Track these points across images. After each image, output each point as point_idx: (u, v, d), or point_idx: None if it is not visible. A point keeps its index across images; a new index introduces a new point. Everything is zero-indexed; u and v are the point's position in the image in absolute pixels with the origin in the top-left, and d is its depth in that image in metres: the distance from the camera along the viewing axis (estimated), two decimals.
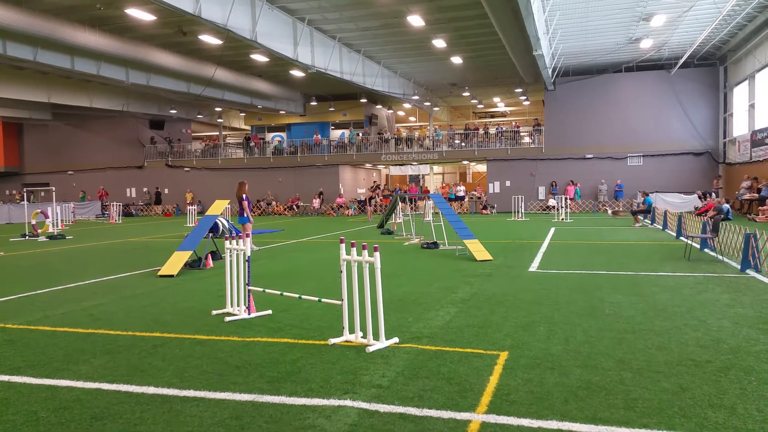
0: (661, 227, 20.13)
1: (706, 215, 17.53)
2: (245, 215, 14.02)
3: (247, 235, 12.71)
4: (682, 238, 15.87)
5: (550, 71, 28.81)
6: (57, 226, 23.11)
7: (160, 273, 11.25)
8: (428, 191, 40.24)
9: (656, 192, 28.84)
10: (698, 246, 13.54)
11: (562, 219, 25.94)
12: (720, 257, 11.89)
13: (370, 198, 33.08)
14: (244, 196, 14.07)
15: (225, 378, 5.06)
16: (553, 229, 20.68)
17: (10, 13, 18.52)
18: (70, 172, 44.04)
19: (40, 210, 23.44)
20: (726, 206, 21.60)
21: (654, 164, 32.36)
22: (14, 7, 18.70)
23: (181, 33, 23.33)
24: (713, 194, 28.12)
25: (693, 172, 31.53)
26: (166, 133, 42.86)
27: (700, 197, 27.66)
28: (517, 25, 20.75)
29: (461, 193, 36.90)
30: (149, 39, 24.34)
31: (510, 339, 6.08)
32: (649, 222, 22.73)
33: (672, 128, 32.02)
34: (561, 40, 25.67)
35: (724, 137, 30.99)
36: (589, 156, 33.48)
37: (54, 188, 28.10)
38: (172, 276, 11.05)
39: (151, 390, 4.82)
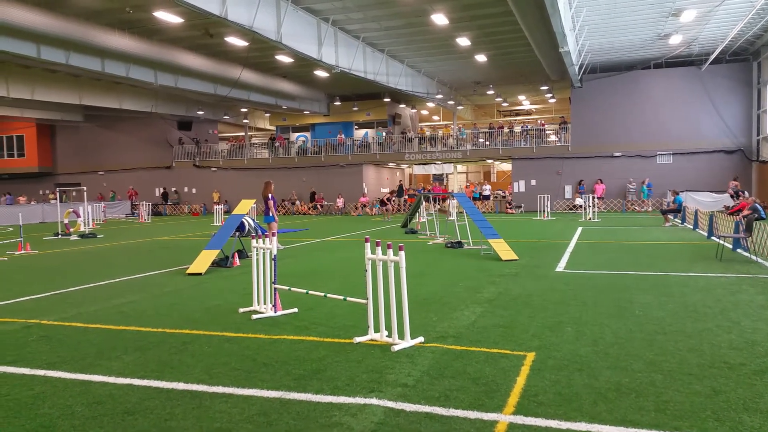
0: (691, 227, 19.77)
1: (738, 214, 17.15)
2: (270, 214, 14.11)
3: (273, 234, 12.82)
4: (713, 237, 15.56)
5: (576, 68, 28.48)
6: (88, 225, 23.56)
7: (188, 271, 11.40)
8: (445, 190, 40.09)
9: (687, 191, 28.32)
10: (730, 246, 13.26)
11: (590, 218, 25.64)
12: (754, 258, 11.64)
13: (388, 198, 32.32)
14: (269, 195, 14.17)
15: (253, 375, 5.12)
16: (580, 229, 20.45)
17: (44, 18, 18.97)
18: (100, 173, 44.87)
19: (72, 209, 23.92)
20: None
21: (684, 162, 31.78)
22: (48, 12, 19.15)
23: (207, 35, 23.61)
24: (745, 193, 27.50)
25: (724, 170, 30.84)
26: (194, 134, 43.41)
27: (732, 196, 27.08)
28: (543, 21, 20.55)
29: (487, 192, 36.65)
30: (177, 41, 24.68)
31: (537, 340, 6.03)
32: (680, 221, 22.33)
33: (703, 125, 31.40)
34: (588, 36, 25.36)
35: (758, 134, 30.27)
36: (618, 154, 33.01)
37: (85, 188, 28.64)
38: (200, 274, 11.19)
39: (181, 386, 4.89)
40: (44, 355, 5.94)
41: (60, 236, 21.71)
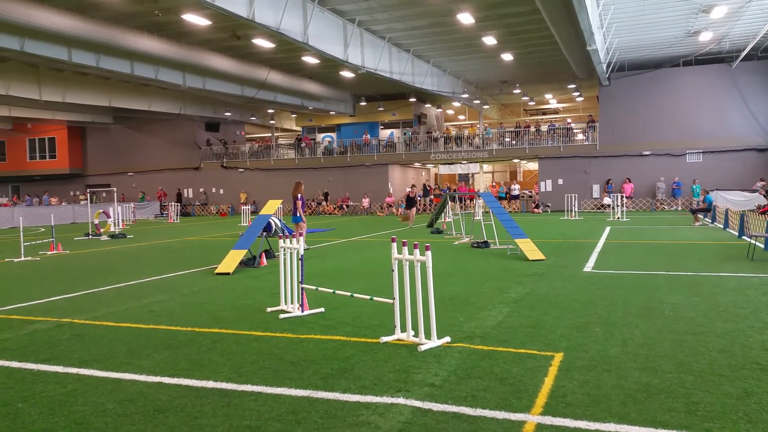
0: (722, 226, 19.39)
1: None
2: (298, 214, 14.22)
3: (300, 234, 12.91)
4: (744, 237, 15.24)
5: (604, 66, 28.10)
6: (118, 226, 23.99)
7: (216, 271, 11.54)
8: (473, 190, 39.84)
9: (717, 189, 27.75)
10: (762, 245, 12.98)
11: (618, 218, 25.30)
12: None
13: (410, 198, 24.88)
14: (299, 195, 14.29)
15: (281, 373, 5.17)
16: (608, 228, 20.20)
17: (75, 22, 19.40)
18: (130, 174, 45.61)
19: (102, 210, 24.37)
20: None
21: (714, 161, 31.15)
22: (79, 16, 19.57)
23: (235, 37, 23.86)
24: None
25: (756, 168, 30.15)
26: (221, 135, 43.92)
27: (764, 195, 26.46)
28: (570, 19, 20.33)
29: (516, 192, 36.28)
30: (205, 44, 25.00)
31: (565, 340, 5.98)
32: (710, 221, 21.92)
33: (733, 123, 30.74)
34: (616, 34, 25.01)
35: None
36: (646, 153, 32.49)
37: (115, 189, 29.15)
38: (228, 274, 11.32)
39: (210, 384, 4.96)
40: (76, 353, 6.08)
41: (90, 237, 22.14)
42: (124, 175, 45.53)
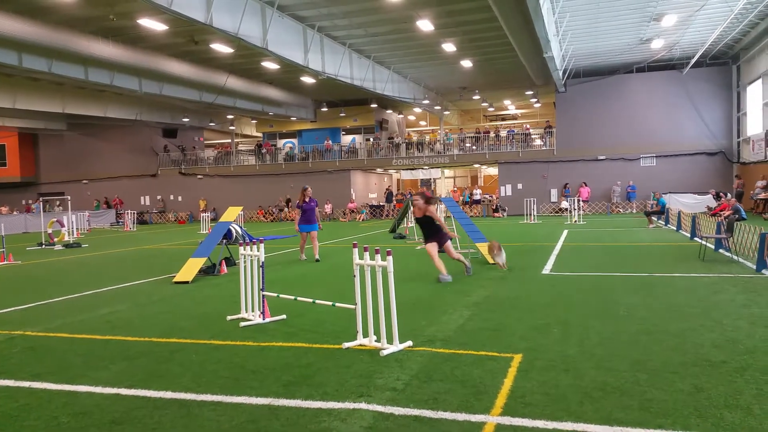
0: (675, 228, 19.99)
1: (720, 215, 17.37)
2: (314, 223, 14.25)
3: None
4: (696, 238, 15.74)
5: (560, 73, 28.75)
6: (73, 235, 23.35)
7: (175, 280, 11.34)
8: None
9: (670, 192, 28.64)
10: (713, 246, 13.43)
11: (575, 221, 25.83)
12: (735, 258, 11.80)
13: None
14: (307, 199, 14.24)
15: (241, 382, 5.11)
16: (566, 231, 20.60)
17: (26, 26, 18.84)
18: (84, 182, 44.49)
19: (56, 219, 23.68)
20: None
21: (667, 165, 32.15)
22: (30, 20, 19.02)
23: (193, 42, 23.56)
24: (727, 194, 27.84)
25: (707, 172, 31.28)
26: (179, 141, 43.22)
27: (714, 197, 27.41)
28: (527, 27, 20.74)
29: (477, 197, 36.79)
30: (162, 49, 24.60)
31: (524, 341, 6.07)
32: (663, 223, 22.56)
33: (685, 128, 31.82)
34: (571, 41, 25.62)
35: (738, 136, 30.74)
36: (602, 157, 33.33)
37: (69, 197, 28.37)
38: (187, 282, 11.13)
39: (168, 395, 4.87)
40: (29, 366, 5.88)
41: (44, 246, 21.50)
42: (78, 183, 44.37)
